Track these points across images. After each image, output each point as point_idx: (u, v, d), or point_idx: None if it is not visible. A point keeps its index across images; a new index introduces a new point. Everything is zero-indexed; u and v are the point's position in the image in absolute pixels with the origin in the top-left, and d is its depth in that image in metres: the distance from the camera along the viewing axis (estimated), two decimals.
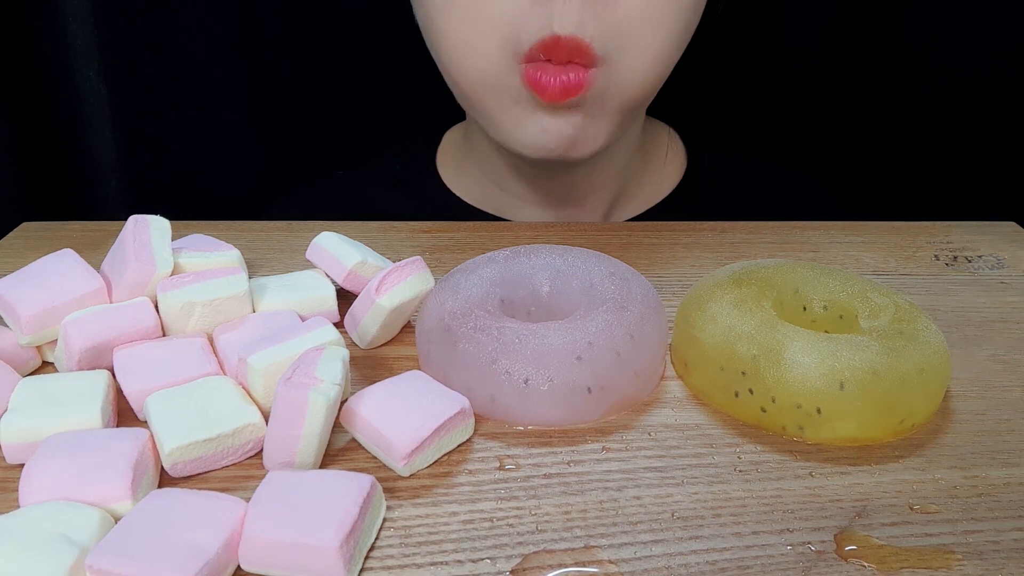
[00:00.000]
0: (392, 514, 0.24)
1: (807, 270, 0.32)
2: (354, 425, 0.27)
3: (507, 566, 0.22)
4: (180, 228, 0.38)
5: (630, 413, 0.29)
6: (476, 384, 0.28)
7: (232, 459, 0.26)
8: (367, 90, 0.60)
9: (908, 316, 0.29)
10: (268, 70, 0.59)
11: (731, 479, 0.26)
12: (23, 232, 0.43)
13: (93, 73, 0.56)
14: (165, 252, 0.31)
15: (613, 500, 0.25)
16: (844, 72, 0.58)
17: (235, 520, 0.22)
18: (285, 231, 0.43)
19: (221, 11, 0.57)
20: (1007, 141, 0.55)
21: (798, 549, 0.23)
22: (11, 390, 0.28)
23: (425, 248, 0.41)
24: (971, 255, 0.41)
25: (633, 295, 0.30)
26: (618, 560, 0.23)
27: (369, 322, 0.31)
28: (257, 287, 0.33)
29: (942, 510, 0.25)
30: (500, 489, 0.25)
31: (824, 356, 0.27)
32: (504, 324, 0.29)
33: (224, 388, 0.27)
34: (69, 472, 0.23)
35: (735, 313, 0.29)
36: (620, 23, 0.36)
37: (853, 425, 0.27)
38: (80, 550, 0.21)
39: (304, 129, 0.61)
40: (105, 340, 0.29)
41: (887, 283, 0.38)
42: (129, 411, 0.28)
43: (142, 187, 0.60)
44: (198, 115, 0.59)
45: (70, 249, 0.31)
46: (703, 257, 0.41)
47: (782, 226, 0.44)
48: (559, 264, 0.32)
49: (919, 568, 0.22)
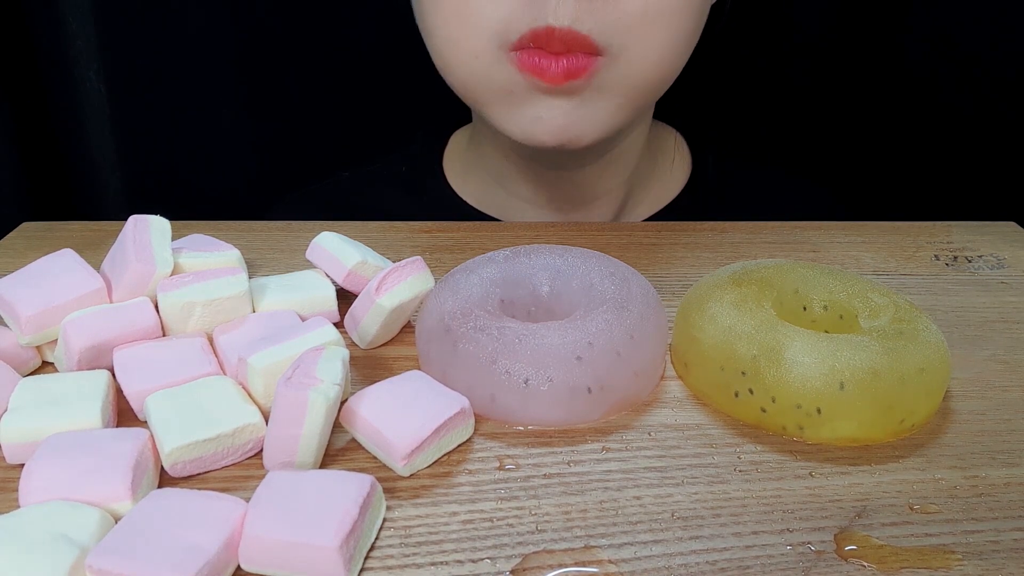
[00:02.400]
0: (392, 514, 0.24)
1: (807, 270, 0.32)
2: (354, 425, 0.27)
3: (507, 566, 0.22)
4: (180, 228, 0.38)
5: (630, 413, 0.29)
6: (476, 384, 0.28)
7: (232, 459, 0.26)
8: (371, 91, 0.60)
9: (908, 316, 0.29)
10: (269, 70, 0.59)
11: (731, 479, 0.26)
12: (23, 232, 0.43)
13: (93, 73, 0.56)
14: (165, 252, 0.31)
15: (613, 500, 0.25)
16: (845, 72, 0.58)
17: (235, 520, 0.22)
18: (285, 231, 0.43)
19: (222, 11, 0.57)
20: (1007, 141, 0.55)
21: (798, 549, 0.23)
22: (11, 390, 0.28)
23: (425, 248, 0.41)
24: (971, 255, 0.41)
25: (633, 295, 0.30)
26: (618, 560, 0.23)
27: (369, 322, 0.31)
28: (257, 287, 0.33)
29: (942, 510, 0.25)
30: (500, 489, 0.25)
31: (824, 356, 0.27)
32: (504, 324, 0.29)
33: (224, 388, 0.27)
34: (69, 472, 0.23)
35: (735, 313, 0.29)
36: (622, 21, 0.36)
37: (853, 425, 0.27)
38: (80, 550, 0.21)
39: (304, 130, 0.61)
40: (105, 340, 0.29)
41: (887, 283, 0.38)
42: (129, 411, 0.28)
43: (142, 187, 0.60)
44: (198, 115, 0.59)
45: (70, 249, 0.32)
46: (703, 257, 0.41)
47: (782, 226, 0.44)
48: (559, 264, 0.32)
49: (919, 568, 0.22)
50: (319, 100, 0.60)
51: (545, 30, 0.35)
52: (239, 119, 0.60)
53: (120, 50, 0.56)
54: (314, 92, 0.60)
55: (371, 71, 0.59)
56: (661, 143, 0.51)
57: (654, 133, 0.50)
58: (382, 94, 0.60)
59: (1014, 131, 0.55)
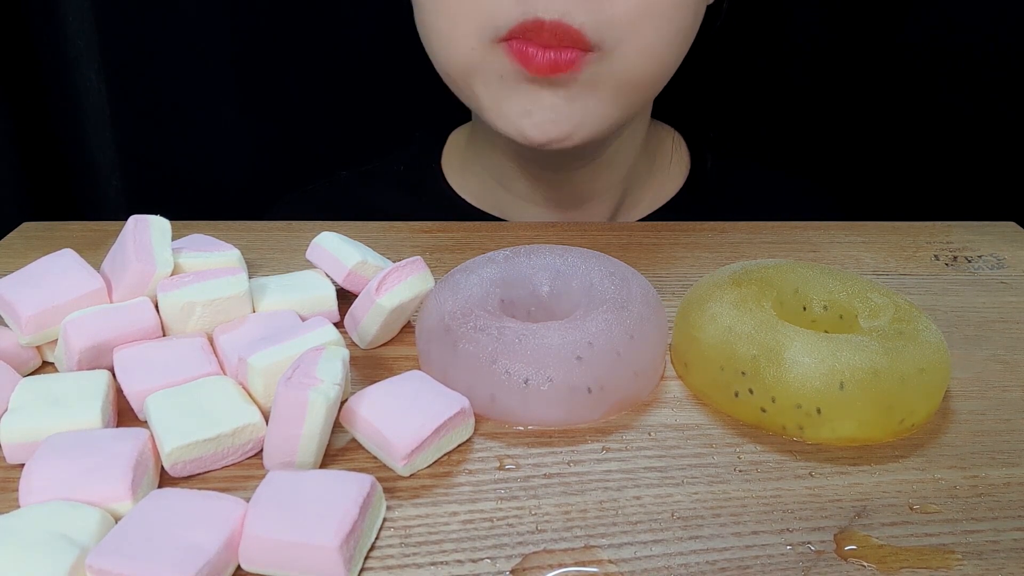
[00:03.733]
0: (392, 514, 0.24)
1: (807, 270, 0.32)
2: (354, 425, 0.27)
3: (507, 566, 0.22)
4: (180, 228, 0.38)
5: (630, 413, 0.29)
6: (476, 384, 0.28)
7: (232, 459, 0.26)
8: (370, 91, 0.60)
9: (908, 316, 0.29)
10: (269, 70, 0.59)
11: (731, 479, 0.26)
12: (23, 232, 0.43)
13: (93, 73, 0.56)
14: (165, 252, 0.31)
15: (613, 500, 0.25)
16: (844, 72, 0.58)
17: (235, 520, 0.22)
18: (285, 231, 0.43)
19: (221, 11, 0.57)
20: (1007, 141, 0.55)
21: (798, 549, 0.23)
22: (11, 390, 0.28)
23: (425, 248, 0.41)
24: (971, 255, 0.41)
25: (633, 295, 0.30)
26: (618, 560, 0.23)
27: (369, 322, 0.31)
28: (257, 287, 0.33)
29: (942, 510, 0.25)
30: (500, 489, 0.25)
31: (824, 356, 0.27)
32: (504, 324, 0.29)
33: (224, 388, 0.27)
34: (69, 472, 0.23)
35: (735, 313, 0.29)
36: (616, 17, 0.36)
37: (853, 425, 0.27)
38: (80, 550, 0.21)
39: (305, 129, 0.61)
40: (105, 340, 0.29)
41: (887, 283, 0.38)
42: (129, 411, 0.28)
43: (142, 187, 0.60)
44: (198, 115, 0.59)
45: (70, 249, 0.31)
46: (703, 257, 0.41)
47: (782, 226, 0.44)
48: (559, 264, 0.32)
49: (919, 568, 0.22)
50: (319, 100, 0.60)
51: (534, 22, 0.35)
52: (239, 119, 0.60)
53: (120, 50, 0.56)
54: (314, 92, 0.60)
55: (370, 71, 0.59)
56: (659, 142, 0.51)
57: (652, 132, 0.50)
58: (381, 93, 0.60)
59: (1014, 131, 0.55)
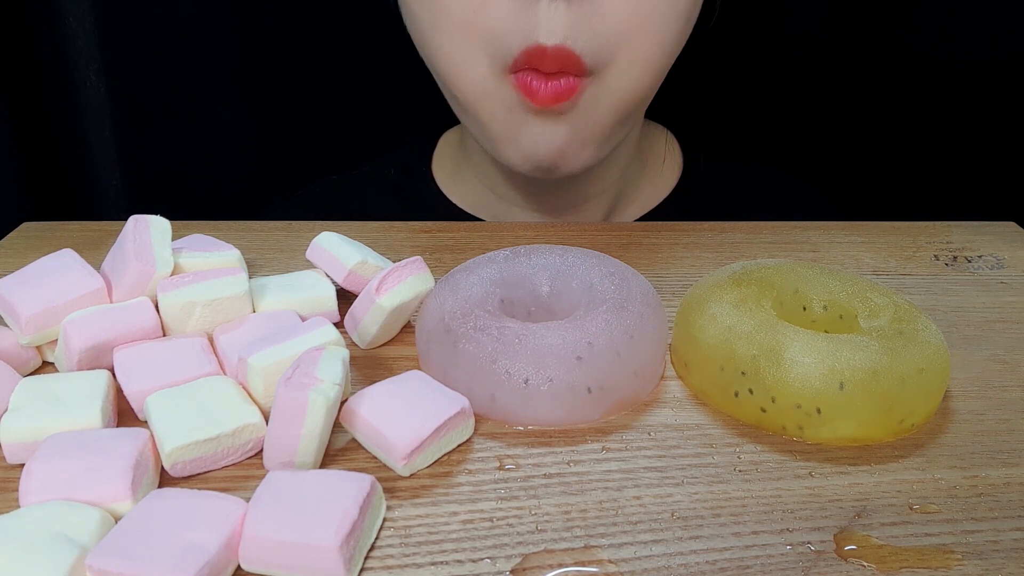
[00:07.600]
0: (392, 514, 0.24)
1: (807, 270, 0.32)
2: (354, 425, 0.27)
3: (507, 566, 0.22)
4: (180, 228, 0.38)
5: (630, 413, 0.29)
6: (476, 384, 0.28)
7: (232, 459, 0.26)
8: (367, 91, 0.60)
9: (908, 316, 0.29)
10: (268, 70, 0.59)
11: (731, 479, 0.26)
12: (23, 232, 0.43)
13: (93, 73, 0.56)
14: (165, 252, 0.31)
15: (613, 500, 0.25)
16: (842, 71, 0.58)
17: (235, 520, 0.22)
18: (285, 231, 0.43)
19: (221, 12, 0.57)
20: (1007, 141, 0.55)
21: (798, 549, 0.23)
22: (11, 390, 0.28)
23: (425, 248, 0.41)
24: (971, 255, 0.41)
25: (633, 295, 0.30)
26: (618, 560, 0.23)
27: (369, 322, 0.31)
28: (257, 287, 0.33)
29: (942, 510, 0.25)
30: (500, 489, 0.25)
31: (824, 356, 0.27)
32: (504, 324, 0.29)
33: (224, 388, 0.27)
34: (69, 472, 0.23)
35: (735, 313, 0.29)
36: (611, 32, 0.36)
37: (853, 425, 0.27)
38: (80, 550, 0.21)
39: (304, 129, 0.61)
40: (105, 340, 0.29)
41: (887, 283, 0.38)
42: (129, 411, 0.28)
43: (142, 187, 0.60)
44: (198, 115, 0.59)
45: (70, 249, 0.32)
46: (703, 257, 0.41)
47: (782, 226, 0.44)
48: (559, 264, 0.32)
49: (919, 568, 0.22)
50: (319, 100, 0.60)
51: (536, 48, 0.36)
52: (239, 119, 0.60)
53: (120, 50, 0.56)
54: (314, 92, 0.60)
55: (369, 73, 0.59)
56: (652, 143, 0.51)
57: (645, 133, 0.50)
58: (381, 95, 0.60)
59: (1014, 131, 0.55)
